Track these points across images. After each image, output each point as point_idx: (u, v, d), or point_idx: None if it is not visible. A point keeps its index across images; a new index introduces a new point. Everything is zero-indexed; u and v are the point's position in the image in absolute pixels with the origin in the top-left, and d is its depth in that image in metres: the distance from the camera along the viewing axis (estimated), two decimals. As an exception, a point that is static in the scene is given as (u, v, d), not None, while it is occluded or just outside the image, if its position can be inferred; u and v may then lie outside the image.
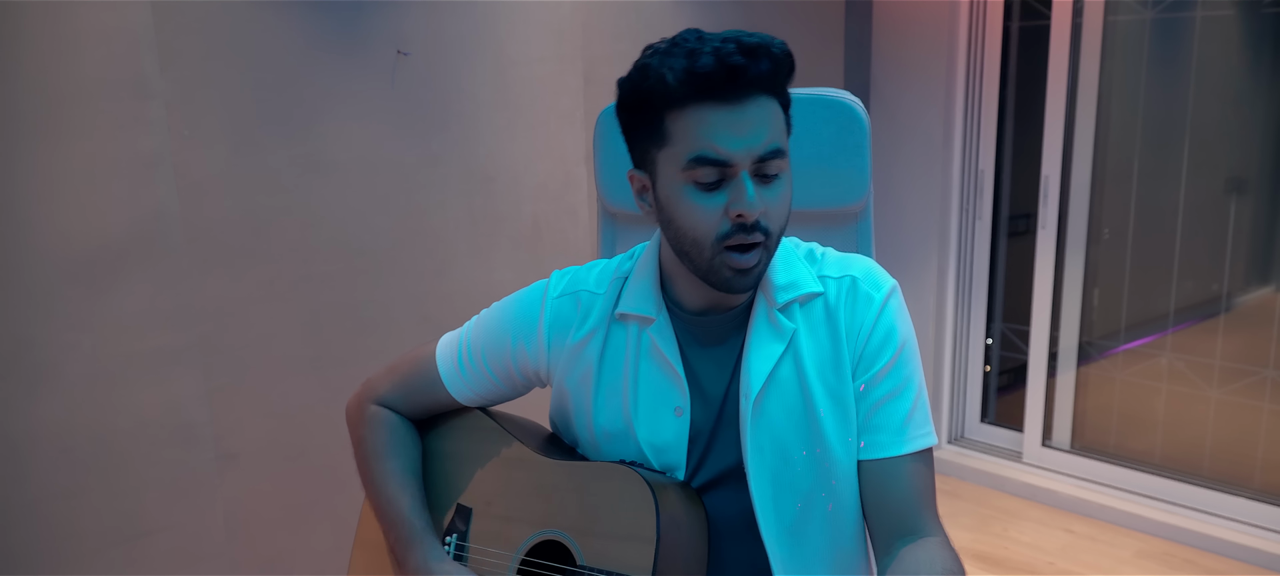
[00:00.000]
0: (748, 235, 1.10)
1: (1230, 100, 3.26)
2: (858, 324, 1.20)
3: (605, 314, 1.27)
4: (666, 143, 1.12)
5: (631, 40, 2.75)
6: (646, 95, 1.11)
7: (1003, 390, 3.80)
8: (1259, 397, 3.17)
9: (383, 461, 1.36)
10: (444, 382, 1.36)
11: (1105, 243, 3.43)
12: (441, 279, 2.45)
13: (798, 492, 1.22)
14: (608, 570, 1.18)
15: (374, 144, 2.29)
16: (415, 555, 1.28)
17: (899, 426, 1.19)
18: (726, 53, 1.06)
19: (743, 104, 1.08)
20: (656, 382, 1.25)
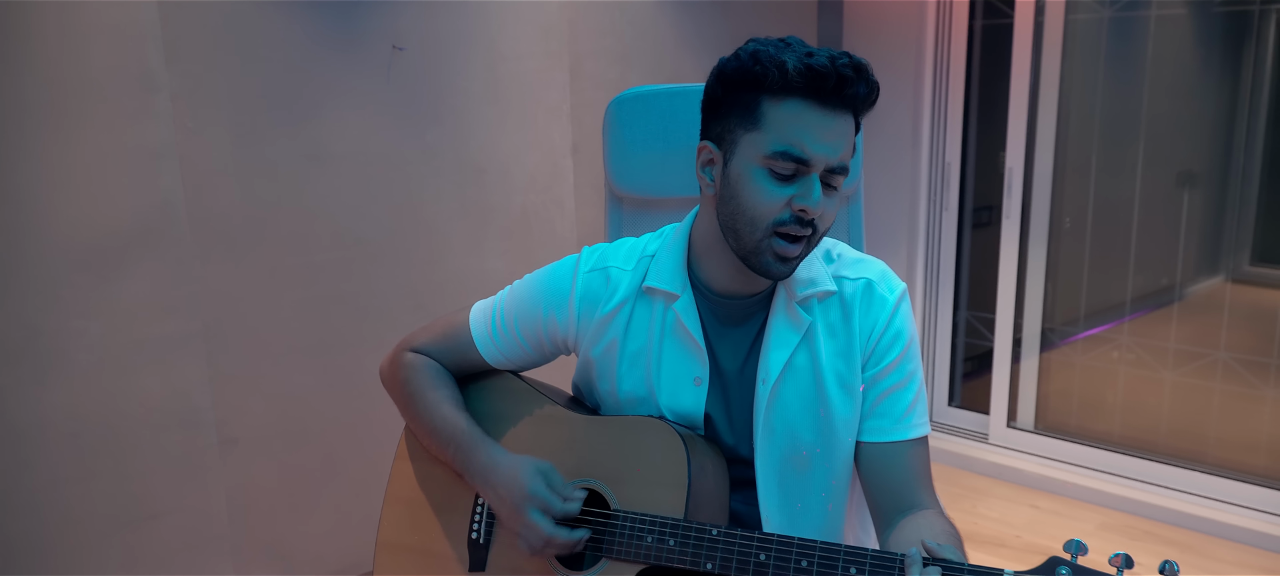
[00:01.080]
0: (800, 228, 1.19)
1: (1182, 96, 3.39)
2: (871, 323, 1.31)
3: (633, 288, 1.35)
4: (757, 127, 1.19)
5: (616, 37, 2.84)
6: (753, 78, 1.18)
7: (969, 375, 3.92)
8: (1211, 378, 3.32)
9: (431, 391, 1.43)
10: (476, 345, 1.44)
11: (1065, 236, 3.56)
12: (435, 267, 2.52)
13: (801, 472, 1.33)
14: (643, 512, 1.26)
15: (371, 136, 2.36)
16: (480, 456, 1.35)
17: (901, 415, 1.31)
18: (841, 62, 1.15)
19: (836, 114, 1.18)
20: (679, 354, 1.34)
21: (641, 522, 1.26)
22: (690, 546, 1.22)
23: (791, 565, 1.16)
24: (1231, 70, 3.27)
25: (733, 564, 1.20)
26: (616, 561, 1.27)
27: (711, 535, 1.22)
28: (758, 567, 1.18)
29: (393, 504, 1.49)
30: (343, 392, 2.39)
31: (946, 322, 3.83)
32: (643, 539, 1.25)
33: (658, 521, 1.24)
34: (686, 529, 1.23)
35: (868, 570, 1.12)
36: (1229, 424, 3.29)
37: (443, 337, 1.47)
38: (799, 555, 1.16)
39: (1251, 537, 3.04)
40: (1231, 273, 3.38)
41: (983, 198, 3.72)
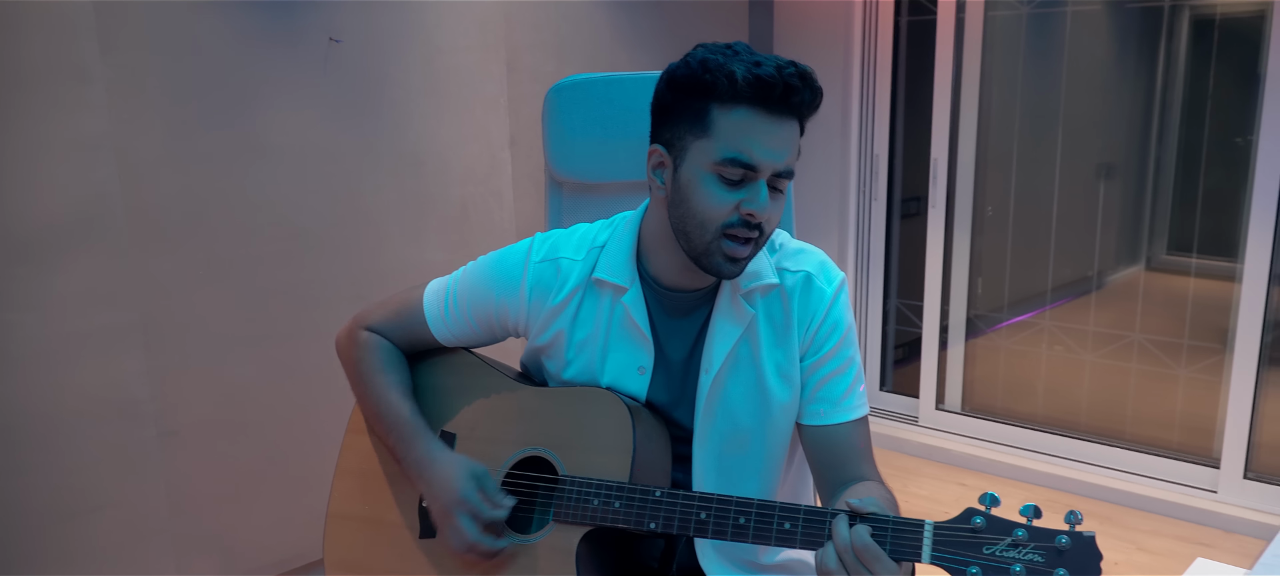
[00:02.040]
0: (748, 231, 1.24)
1: (1099, 90, 3.53)
2: (810, 314, 1.37)
3: (582, 279, 1.40)
4: (706, 134, 1.23)
5: (551, 31, 2.89)
6: (702, 86, 1.22)
7: (900, 361, 4.04)
8: (1127, 359, 3.47)
9: (380, 375, 1.46)
10: (429, 325, 1.48)
11: (989, 230, 3.68)
12: (376, 258, 2.53)
13: (739, 452, 1.40)
14: (589, 477, 1.32)
15: (309, 128, 2.37)
16: (417, 449, 1.39)
17: (840, 399, 1.37)
18: (788, 72, 1.20)
19: (782, 121, 1.22)
20: (625, 344, 1.39)
21: (588, 486, 1.31)
22: (634, 507, 1.28)
23: (730, 522, 1.22)
24: (1146, 65, 3.41)
25: (675, 522, 1.25)
26: (564, 524, 1.32)
27: (655, 496, 1.27)
28: (698, 525, 1.24)
29: (343, 476, 1.52)
30: (284, 384, 2.40)
31: (877, 310, 3.94)
32: (589, 502, 1.30)
33: (604, 485, 1.30)
34: (631, 491, 1.28)
35: (800, 524, 1.18)
36: (1145, 402, 3.44)
37: (397, 315, 1.50)
38: (737, 512, 1.22)
39: (1167, 509, 3.19)
40: (1149, 261, 3.53)
41: (911, 188, 3.83)
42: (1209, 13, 3.21)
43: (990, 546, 1.07)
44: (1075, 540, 1.05)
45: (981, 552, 1.07)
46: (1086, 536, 1.06)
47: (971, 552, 1.08)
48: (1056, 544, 1.05)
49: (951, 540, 1.09)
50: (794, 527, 1.18)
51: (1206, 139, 3.25)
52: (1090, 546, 1.05)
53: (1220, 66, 3.21)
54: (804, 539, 1.18)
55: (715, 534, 1.23)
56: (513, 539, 1.36)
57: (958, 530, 1.09)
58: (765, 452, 1.41)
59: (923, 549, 1.10)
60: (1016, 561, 1.06)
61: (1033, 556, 1.06)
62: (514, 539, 1.36)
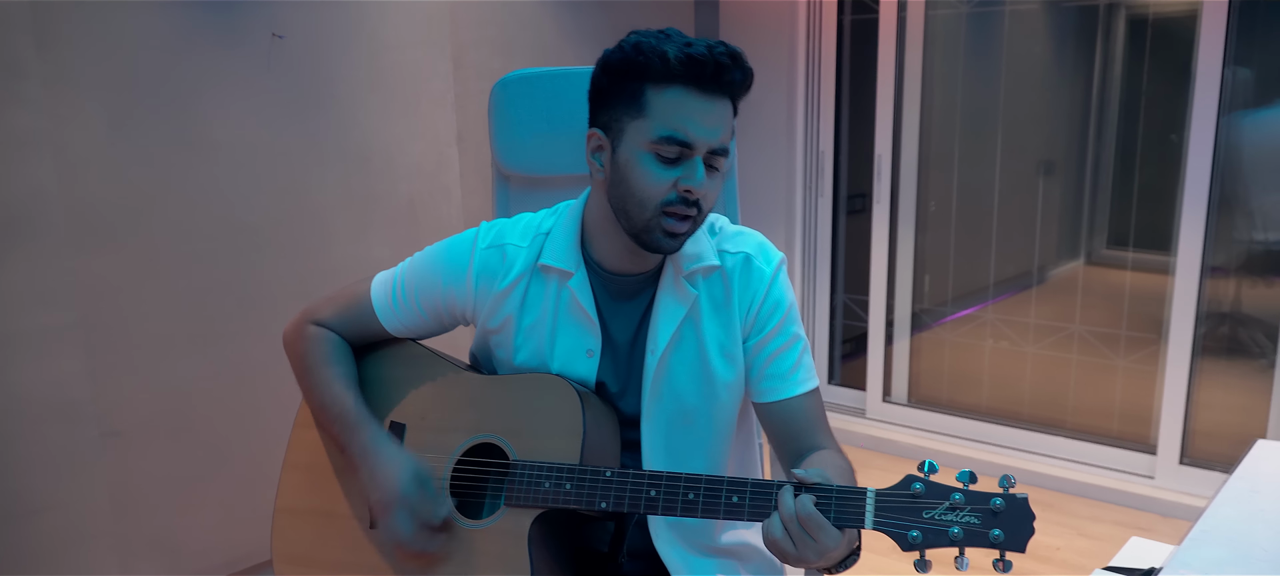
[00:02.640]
0: (687, 208, 1.27)
1: (1037, 88, 3.61)
2: (751, 295, 1.40)
3: (528, 265, 1.41)
4: (642, 114, 1.26)
5: (497, 27, 2.89)
6: (636, 67, 1.26)
7: (847, 355, 4.09)
8: (1068, 350, 3.55)
9: (326, 367, 1.46)
10: (377, 316, 1.48)
11: (932, 226, 3.74)
12: (322, 255, 2.52)
13: (686, 431, 1.43)
14: (539, 461, 1.33)
15: (252, 124, 2.35)
16: (361, 439, 1.39)
17: (788, 374, 1.41)
18: (718, 51, 1.24)
19: (715, 99, 1.26)
20: (572, 328, 1.41)
21: (539, 470, 1.32)
22: (585, 488, 1.30)
23: (679, 498, 1.25)
24: (1083, 64, 3.49)
25: (625, 500, 1.28)
26: (516, 508, 1.33)
27: (605, 476, 1.29)
28: (649, 503, 1.26)
29: (291, 470, 1.51)
30: (230, 383, 2.38)
31: (824, 305, 3.99)
32: (541, 484, 1.31)
33: (555, 467, 1.31)
34: (582, 472, 1.30)
35: (748, 497, 1.21)
36: (1085, 392, 3.53)
37: (345, 308, 1.51)
38: (686, 488, 1.25)
39: (1107, 494, 3.27)
40: (1088, 255, 3.61)
41: (856, 185, 3.88)
42: (1143, 12, 3.30)
43: (929, 510, 1.12)
44: (1009, 502, 1.11)
45: (922, 516, 1.12)
46: (1019, 498, 1.11)
47: (912, 517, 1.12)
48: (991, 506, 1.10)
49: (893, 506, 1.14)
50: (741, 500, 1.21)
51: (1141, 136, 3.34)
52: (1023, 507, 1.10)
53: (1154, 65, 3.30)
54: (751, 511, 1.21)
55: (665, 510, 1.26)
56: (463, 522, 1.37)
57: (898, 496, 1.14)
58: (712, 430, 1.44)
59: (866, 515, 1.14)
60: (954, 524, 1.11)
61: (970, 518, 1.10)
62: (465, 524, 1.37)
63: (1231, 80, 3.00)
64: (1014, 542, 1.10)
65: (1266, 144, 3.06)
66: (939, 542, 1.12)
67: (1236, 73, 3.02)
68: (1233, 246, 3.17)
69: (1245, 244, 3.17)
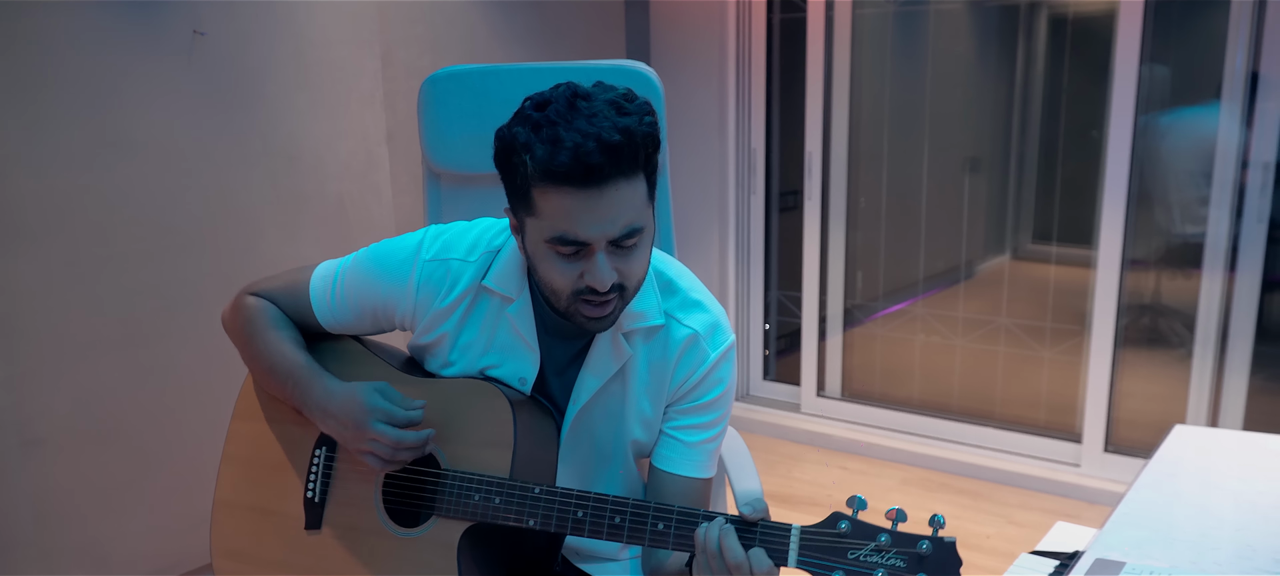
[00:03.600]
0: (601, 296, 1.21)
1: (962, 86, 3.69)
2: (687, 371, 1.36)
3: (472, 282, 1.36)
4: (532, 212, 1.19)
5: (427, 25, 2.86)
6: (513, 167, 1.18)
7: (782, 351, 4.13)
8: (995, 343, 3.63)
9: (271, 331, 1.42)
10: (314, 308, 1.44)
11: (863, 222, 3.79)
12: (249, 256, 2.47)
13: (599, 471, 1.43)
14: (470, 471, 1.31)
15: (175, 124, 2.29)
16: (316, 390, 1.35)
17: (687, 451, 1.39)
18: (586, 153, 1.11)
19: (601, 191, 1.14)
20: (510, 354, 1.38)
21: (469, 481, 1.30)
22: (514, 503, 1.28)
23: (606, 521, 1.24)
24: (1007, 62, 3.56)
25: (553, 520, 1.27)
26: (446, 519, 1.31)
27: (534, 493, 1.28)
28: (576, 523, 1.26)
29: (229, 463, 1.48)
30: (156, 387, 2.32)
31: (758, 302, 4.02)
32: (470, 497, 1.30)
33: (485, 480, 1.29)
34: (511, 487, 1.28)
35: (673, 525, 1.22)
36: (1013, 383, 3.60)
37: (285, 291, 1.46)
38: (613, 512, 1.24)
39: (1035, 483, 3.35)
40: (1015, 250, 3.69)
41: (788, 182, 3.92)
42: (1063, 12, 3.38)
43: (854, 551, 1.11)
44: (936, 546, 1.09)
45: (846, 557, 1.11)
46: (947, 542, 1.09)
47: (836, 557, 1.12)
48: (918, 549, 1.09)
49: (817, 544, 1.13)
50: (666, 528, 1.21)
51: (1063, 133, 3.42)
52: (950, 552, 1.09)
53: (1074, 63, 3.38)
54: (676, 540, 1.21)
55: (592, 532, 1.25)
56: (393, 531, 1.35)
57: (823, 535, 1.13)
58: (622, 475, 1.44)
59: (789, 553, 1.14)
60: (879, 566, 1.10)
61: (895, 561, 1.09)
62: (396, 532, 1.35)
63: (1148, 78, 3.09)
64: None
65: (1184, 140, 3.15)
66: None
67: (1153, 71, 3.11)
68: (1152, 239, 3.27)
69: (1164, 237, 3.26)
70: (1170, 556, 1.25)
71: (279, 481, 1.43)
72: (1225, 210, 3.01)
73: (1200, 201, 3.08)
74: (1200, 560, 1.24)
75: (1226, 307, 3.06)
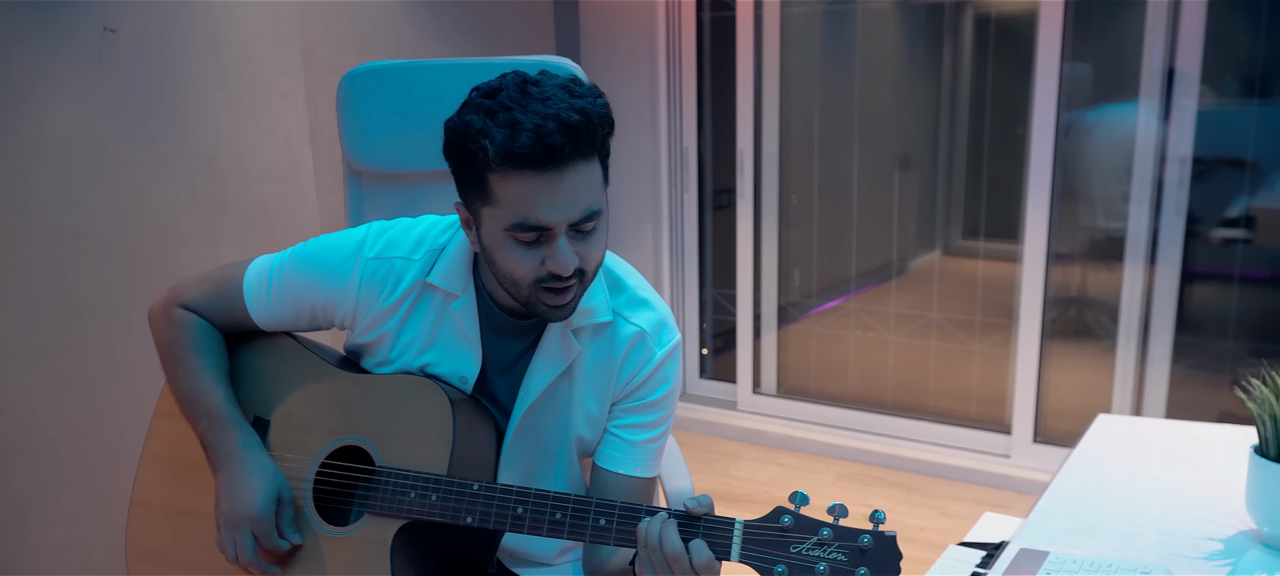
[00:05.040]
0: (563, 282, 1.20)
1: (891, 84, 3.73)
2: (633, 369, 1.36)
3: (416, 280, 1.33)
4: (489, 201, 1.17)
5: (348, 23, 2.80)
6: (469, 155, 1.16)
7: (719, 349, 4.14)
8: (927, 337, 3.67)
9: (192, 357, 1.37)
10: (248, 307, 1.39)
11: (796, 220, 3.81)
12: (165, 260, 2.39)
13: (544, 469, 1.41)
14: (406, 468, 1.28)
15: (84, 125, 2.21)
16: (226, 441, 1.32)
17: (632, 450, 1.38)
18: (546, 133, 1.10)
19: (561, 173, 1.14)
20: (451, 353, 1.35)
21: (404, 478, 1.27)
22: (451, 501, 1.25)
23: (547, 517, 1.22)
24: (934, 60, 3.61)
25: (491, 517, 1.24)
26: (379, 516, 1.28)
27: (472, 490, 1.25)
28: (515, 520, 1.23)
29: (149, 462, 1.44)
30: (70, 397, 2.23)
31: (694, 300, 4.02)
32: (405, 494, 1.27)
33: (421, 477, 1.27)
34: (448, 484, 1.26)
35: (615, 520, 1.20)
36: (944, 377, 3.65)
37: (216, 292, 1.41)
38: (553, 508, 1.22)
39: (967, 475, 3.39)
40: (946, 246, 3.74)
41: (721, 181, 3.92)
42: (987, 11, 3.43)
43: (797, 545, 1.12)
44: (877, 539, 1.10)
45: (789, 551, 1.11)
46: (887, 536, 1.10)
47: (779, 551, 1.12)
48: (859, 543, 1.10)
49: (760, 538, 1.13)
50: (609, 524, 1.20)
51: (989, 130, 3.47)
52: (891, 546, 1.10)
53: (998, 61, 3.44)
54: (618, 536, 1.20)
55: (531, 529, 1.23)
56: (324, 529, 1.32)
57: (766, 529, 1.13)
58: (567, 474, 1.42)
59: (732, 547, 1.13)
60: (821, 560, 1.10)
61: (837, 555, 1.10)
62: (326, 530, 1.32)
63: (1070, 75, 3.15)
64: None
65: (1106, 136, 3.22)
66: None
67: (1076, 68, 3.17)
68: (1078, 234, 3.33)
69: (1089, 231, 3.33)
70: (1094, 544, 1.26)
71: (200, 481, 1.39)
72: (1145, 204, 3.08)
73: (1122, 197, 3.14)
74: (1122, 547, 1.25)
75: (1148, 299, 3.13)
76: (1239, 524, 1.30)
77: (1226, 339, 3.15)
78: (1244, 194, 3.05)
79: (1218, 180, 3.06)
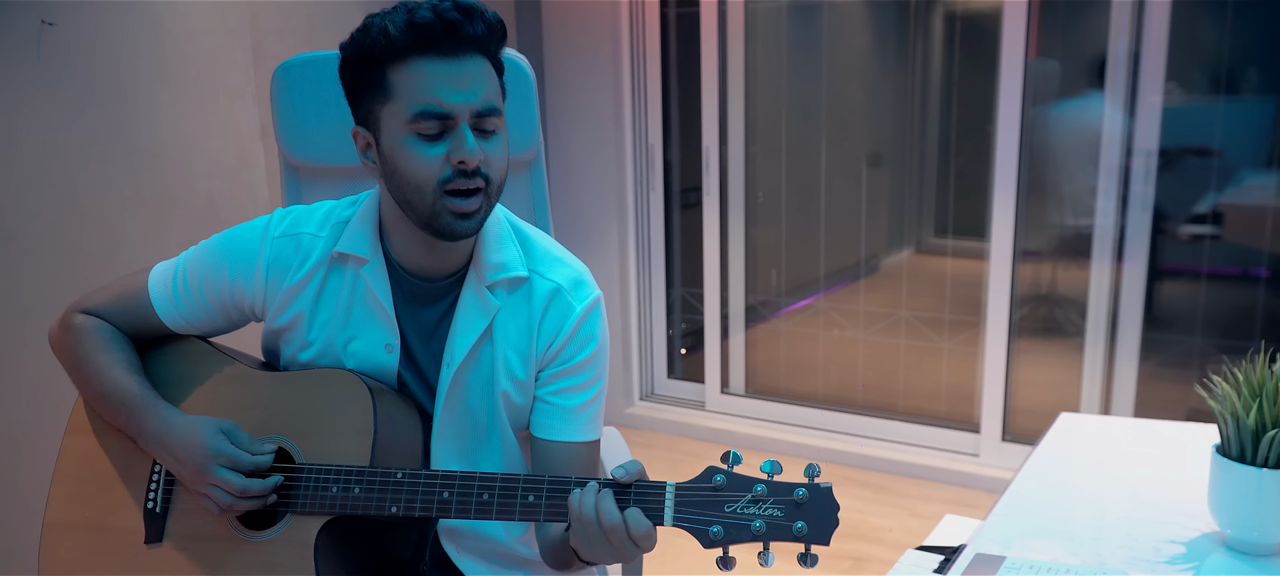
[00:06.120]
0: (469, 181, 1.18)
1: (859, 81, 3.69)
2: (554, 328, 1.32)
3: (325, 254, 1.31)
4: (390, 97, 1.17)
5: (302, 16, 2.73)
6: (369, 51, 1.16)
7: (688, 349, 4.09)
8: (897, 335, 3.64)
9: (102, 354, 1.33)
10: (156, 310, 1.35)
11: (764, 218, 3.78)
12: (109, 260, 2.32)
13: (478, 444, 1.36)
14: (327, 464, 1.23)
15: (20, 119, 2.14)
16: (152, 421, 1.27)
17: (569, 416, 1.34)
18: (444, 9, 1.14)
19: (461, 60, 1.16)
20: (369, 322, 1.31)
21: (326, 473, 1.23)
22: (375, 491, 1.22)
23: (474, 499, 1.19)
24: (903, 57, 3.58)
25: (417, 504, 1.20)
26: (302, 515, 1.24)
27: (396, 478, 1.21)
28: (441, 504, 1.20)
29: (61, 481, 1.37)
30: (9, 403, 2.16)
31: (661, 300, 3.97)
32: (328, 489, 1.23)
33: (342, 470, 1.23)
34: (371, 475, 1.22)
35: (545, 495, 1.17)
36: (914, 375, 3.62)
37: (119, 300, 1.37)
38: (480, 488, 1.19)
39: (936, 474, 3.36)
40: (917, 244, 3.71)
41: (689, 179, 3.88)
42: (954, 8, 3.41)
43: (731, 504, 1.09)
44: (813, 492, 1.08)
45: (723, 510, 1.09)
46: (823, 487, 1.08)
47: (713, 511, 1.09)
48: (795, 497, 1.08)
49: (693, 500, 1.10)
50: (537, 500, 1.17)
51: (957, 128, 3.45)
52: (827, 497, 1.08)
53: (965, 59, 3.41)
54: (548, 510, 1.17)
55: (459, 513, 1.19)
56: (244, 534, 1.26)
57: (699, 490, 1.10)
58: (502, 447, 1.37)
59: (665, 511, 1.11)
60: (757, 517, 1.08)
61: (773, 511, 1.08)
62: (246, 535, 1.26)
63: (1037, 72, 3.12)
64: (818, 535, 1.08)
65: (1074, 132, 3.19)
66: (741, 537, 1.09)
67: (1043, 65, 3.14)
68: (1046, 231, 3.31)
69: (1058, 228, 3.31)
70: (1053, 548, 1.22)
71: (116, 496, 1.33)
72: (1112, 200, 3.05)
73: (1089, 192, 3.12)
74: (1082, 550, 1.21)
75: (1116, 296, 3.11)
76: (1202, 525, 1.26)
77: (1195, 335, 3.13)
78: (1212, 190, 3.04)
79: (1186, 176, 3.04)
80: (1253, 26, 2.91)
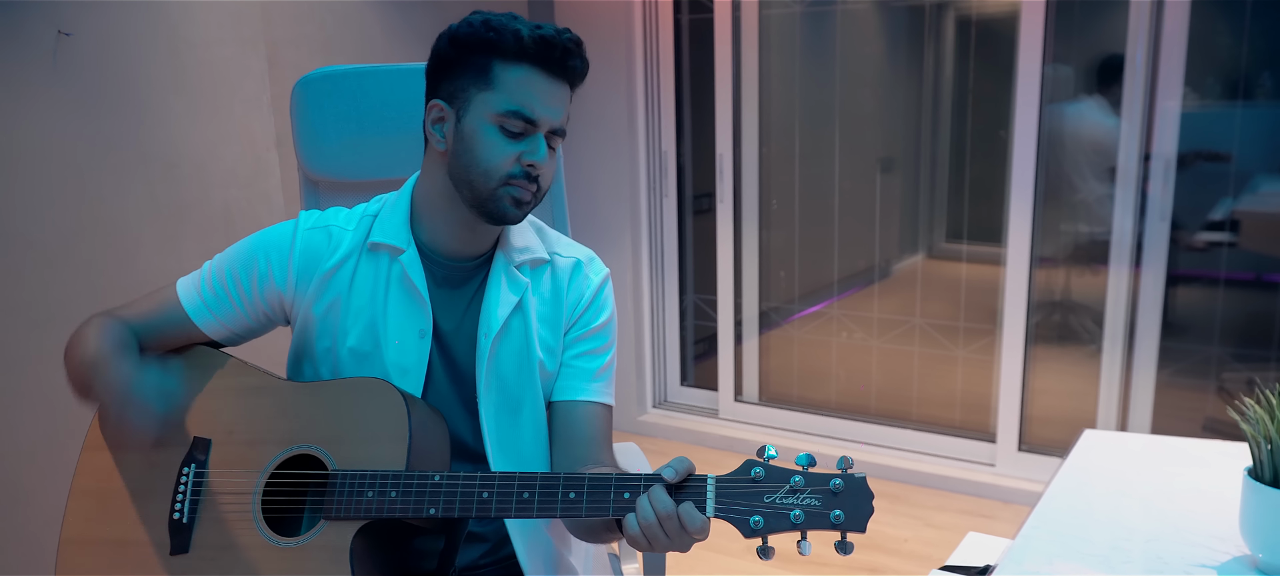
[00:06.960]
0: (528, 183, 1.31)
1: (872, 86, 3.68)
2: (577, 296, 1.44)
3: (356, 244, 1.38)
4: (490, 87, 1.28)
5: (316, 25, 2.73)
6: (486, 42, 1.28)
7: (700, 356, 4.08)
8: (910, 343, 3.62)
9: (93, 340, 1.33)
10: (185, 308, 1.37)
11: (778, 224, 3.76)
12: (125, 270, 2.32)
13: (514, 418, 1.40)
14: (362, 469, 1.24)
15: (36, 128, 2.14)
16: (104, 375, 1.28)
17: (589, 378, 1.44)
18: (565, 36, 1.29)
19: (558, 82, 1.31)
20: (404, 308, 1.36)
21: (361, 478, 1.24)
22: (413, 494, 1.23)
23: (514, 498, 1.21)
24: (916, 62, 3.56)
25: (456, 504, 1.22)
26: (336, 521, 1.24)
27: (434, 481, 1.23)
28: (481, 505, 1.21)
29: (79, 497, 1.36)
30: (24, 412, 2.15)
31: (674, 306, 3.96)
32: (363, 494, 1.24)
33: (378, 475, 1.24)
34: (408, 478, 1.24)
35: (586, 492, 1.19)
36: (928, 383, 3.60)
37: (146, 311, 1.39)
38: (520, 488, 1.21)
39: (951, 484, 3.34)
40: (930, 249, 3.69)
41: (702, 185, 3.87)
42: (968, 12, 3.39)
43: (770, 494, 1.13)
44: (848, 482, 1.12)
45: (763, 501, 1.13)
46: (857, 477, 1.12)
47: (753, 502, 1.13)
48: (831, 487, 1.12)
49: (733, 492, 1.14)
50: (578, 497, 1.19)
51: (971, 132, 3.43)
52: (862, 486, 1.12)
53: (980, 63, 3.39)
54: (589, 507, 1.19)
55: (499, 512, 1.21)
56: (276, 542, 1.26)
57: (739, 482, 1.14)
58: (534, 421, 1.42)
59: (707, 503, 1.14)
60: (796, 507, 1.12)
61: (810, 501, 1.12)
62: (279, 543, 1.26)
63: (1052, 77, 3.10)
64: (854, 523, 1.11)
65: (1088, 137, 3.17)
66: (781, 527, 1.12)
67: (1057, 70, 3.12)
68: (1061, 237, 3.29)
69: (1073, 234, 3.28)
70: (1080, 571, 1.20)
71: (137, 509, 1.32)
72: (1129, 207, 3.03)
73: (1106, 197, 3.10)
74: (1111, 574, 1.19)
75: (1133, 303, 3.09)
76: (1233, 549, 1.25)
77: (1212, 343, 3.11)
78: (1228, 197, 3.01)
79: (1202, 183, 3.02)
80: (1269, 31, 2.89)
